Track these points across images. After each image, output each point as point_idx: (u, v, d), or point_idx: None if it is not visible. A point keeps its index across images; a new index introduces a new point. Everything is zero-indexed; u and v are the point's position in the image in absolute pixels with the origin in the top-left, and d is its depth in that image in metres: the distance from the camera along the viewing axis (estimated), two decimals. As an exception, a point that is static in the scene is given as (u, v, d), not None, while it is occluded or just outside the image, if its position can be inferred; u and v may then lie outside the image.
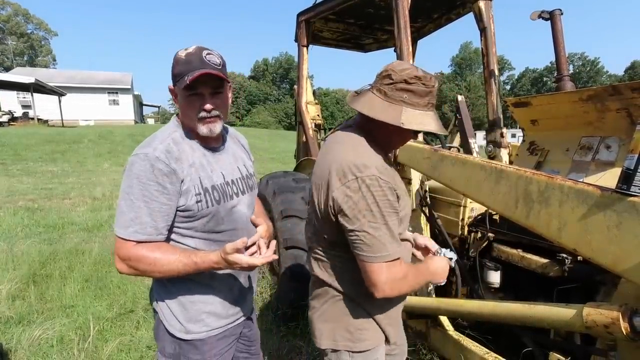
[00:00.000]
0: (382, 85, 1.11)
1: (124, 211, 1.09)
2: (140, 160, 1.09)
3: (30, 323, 2.73)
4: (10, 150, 12.11)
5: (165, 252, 1.11)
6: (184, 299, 1.23)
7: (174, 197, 1.12)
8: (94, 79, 32.38)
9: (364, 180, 1.04)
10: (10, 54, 49.27)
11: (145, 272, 1.12)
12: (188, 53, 1.13)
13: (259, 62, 59.03)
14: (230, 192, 1.25)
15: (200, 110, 1.15)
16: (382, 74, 1.13)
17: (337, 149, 1.15)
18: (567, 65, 2.36)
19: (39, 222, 5.46)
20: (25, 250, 4.10)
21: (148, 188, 1.08)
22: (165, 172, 1.09)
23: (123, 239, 1.10)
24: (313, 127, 3.71)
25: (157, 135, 1.18)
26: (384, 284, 1.06)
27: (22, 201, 6.73)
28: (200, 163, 1.19)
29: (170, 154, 1.12)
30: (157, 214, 1.10)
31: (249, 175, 1.38)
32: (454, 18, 3.36)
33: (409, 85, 1.08)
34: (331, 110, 52.17)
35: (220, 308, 1.28)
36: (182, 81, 1.09)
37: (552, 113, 2.23)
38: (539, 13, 2.33)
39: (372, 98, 1.13)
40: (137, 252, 1.10)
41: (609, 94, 1.86)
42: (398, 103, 1.09)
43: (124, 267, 1.13)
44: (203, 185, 1.17)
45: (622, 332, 1.15)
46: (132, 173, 1.09)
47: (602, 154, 1.97)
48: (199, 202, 1.16)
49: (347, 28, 3.71)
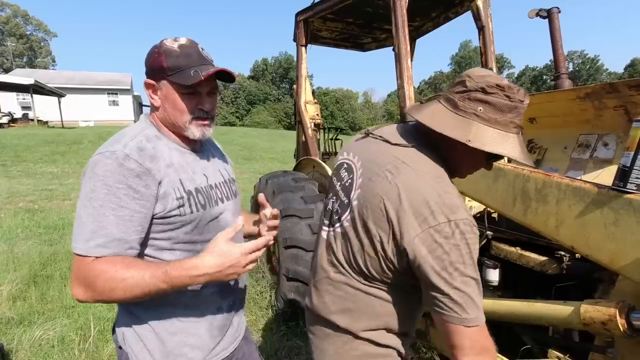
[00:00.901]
0: (453, 94, 0.91)
1: (84, 221, 0.88)
2: (106, 159, 0.90)
3: (31, 324, 2.74)
4: (10, 151, 12.11)
5: (134, 266, 0.89)
6: (160, 329, 1.00)
7: (148, 203, 0.92)
8: (94, 80, 32.38)
9: (458, 225, 0.82)
10: (10, 56, 49.27)
11: (105, 293, 0.87)
12: (182, 45, 0.99)
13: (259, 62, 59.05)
14: (215, 197, 1.09)
15: (196, 110, 1.02)
16: (456, 80, 0.93)
17: (408, 174, 0.89)
18: (565, 63, 2.37)
19: (40, 223, 5.46)
20: (25, 251, 4.11)
21: (116, 192, 0.88)
22: (137, 172, 0.91)
23: (81, 256, 0.88)
24: (312, 126, 3.72)
25: (126, 132, 1.00)
26: (470, 349, 0.85)
27: (22, 202, 6.73)
28: (179, 163, 1.02)
29: (143, 152, 0.94)
30: (128, 224, 0.90)
31: (231, 180, 1.23)
32: (452, 17, 3.36)
33: (487, 95, 0.86)
34: (331, 110, 52.16)
35: (207, 337, 1.06)
36: (185, 76, 0.96)
37: (550, 111, 2.23)
38: (537, 11, 2.34)
39: (437, 108, 0.93)
40: (95, 267, 0.87)
41: (607, 92, 1.87)
42: (469, 116, 0.87)
43: (79, 291, 0.89)
44: (185, 188, 1.00)
45: (619, 328, 1.15)
46: (96, 174, 0.89)
47: (600, 151, 1.98)
48: (181, 206, 0.97)
49: (346, 27, 3.72)
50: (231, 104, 53.84)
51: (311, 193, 3.03)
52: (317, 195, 3.03)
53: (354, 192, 0.97)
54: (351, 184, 1.00)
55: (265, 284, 3.46)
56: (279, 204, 2.93)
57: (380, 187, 0.90)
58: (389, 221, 0.86)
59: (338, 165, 1.11)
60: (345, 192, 1.01)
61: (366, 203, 0.92)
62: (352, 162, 1.04)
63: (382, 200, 0.88)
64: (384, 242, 0.88)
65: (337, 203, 1.05)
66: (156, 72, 0.99)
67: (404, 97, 2.32)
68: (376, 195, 0.90)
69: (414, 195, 0.85)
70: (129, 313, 1.02)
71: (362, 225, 0.92)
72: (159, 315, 1.00)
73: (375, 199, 0.89)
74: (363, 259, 0.94)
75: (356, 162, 1.02)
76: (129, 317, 1.02)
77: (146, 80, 1.03)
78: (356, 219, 0.94)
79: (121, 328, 1.04)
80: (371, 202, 0.90)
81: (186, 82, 0.96)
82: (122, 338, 1.03)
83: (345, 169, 1.06)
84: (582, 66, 52.73)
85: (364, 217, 0.92)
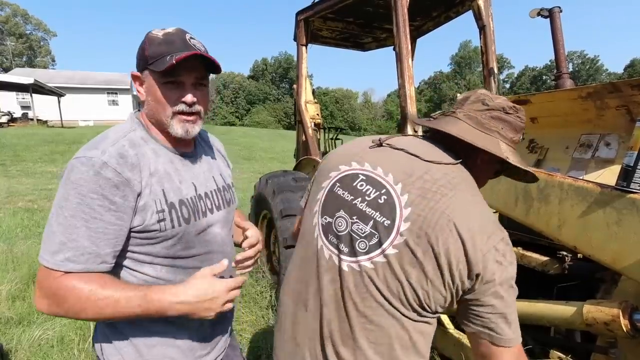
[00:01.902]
0: (473, 111, 0.92)
1: (54, 231, 0.82)
2: (82, 165, 0.83)
3: (31, 323, 2.73)
4: (9, 151, 12.09)
5: (105, 283, 0.83)
6: (138, 340, 0.95)
7: (125, 216, 0.86)
8: (93, 80, 32.42)
9: (508, 243, 0.82)
10: (9, 55, 49.25)
11: (70, 312, 0.82)
12: (167, 33, 0.91)
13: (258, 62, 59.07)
14: (204, 208, 1.00)
15: (178, 103, 0.92)
16: (471, 99, 0.94)
17: (465, 191, 0.85)
18: (567, 63, 2.37)
19: (39, 223, 5.45)
20: (25, 251, 4.09)
21: (89, 203, 0.82)
22: (115, 182, 0.84)
23: (49, 269, 0.82)
24: (312, 126, 3.71)
25: (109, 134, 0.92)
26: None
27: (21, 202, 6.72)
28: (165, 171, 0.94)
29: (124, 160, 0.87)
30: (101, 237, 0.83)
31: (226, 186, 1.13)
32: (453, 16, 3.36)
33: (507, 115, 0.91)
34: (331, 110, 52.19)
35: (187, 350, 1.00)
36: (161, 62, 0.87)
37: (552, 111, 2.23)
38: (538, 11, 2.33)
39: (461, 125, 0.91)
40: (65, 283, 0.81)
41: (609, 92, 1.86)
42: (493, 134, 0.90)
43: (42, 303, 0.84)
44: (167, 200, 0.92)
45: (622, 329, 1.15)
46: (69, 182, 0.83)
47: (601, 151, 1.97)
48: (161, 221, 0.90)
49: (346, 27, 3.71)
50: (231, 104, 53.84)
51: (311, 193, 3.02)
52: (318, 195, 3.02)
53: (400, 211, 0.83)
54: (388, 201, 0.84)
55: (266, 283, 3.45)
56: (279, 204, 2.93)
57: (443, 204, 0.80)
58: (461, 239, 0.77)
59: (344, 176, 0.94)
60: (380, 210, 0.85)
61: (428, 222, 0.79)
62: (375, 174, 0.90)
63: (450, 218, 0.79)
64: (453, 265, 0.78)
65: (359, 225, 0.86)
66: (140, 62, 0.93)
67: (405, 97, 2.31)
68: (442, 213, 0.79)
69: (476, 213, 0.82)
70: (107, 325, 0.97)
71: (425, 250, 0.79)
72: (137, 327, 0.95)
73: (441, 218, 0.79)
74: (424, 289, 0.80)
75: (385, 176, 0.88)
76: (108, 329, 0.97)
77: (132, 73, 0.97)
78: (412, 243, 0.80)
79: (99, 340, 0.99)
80: (436, 221, 0.79)
81: (160, 68, 0.87)
82: (100, 351, 0.98)
83: (364, 182, 0.90)
84: (581, 66, 52.79)
85: (429, 239, 0.79)
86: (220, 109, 52.90)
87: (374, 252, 0.83)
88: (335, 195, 0.93)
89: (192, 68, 0.91)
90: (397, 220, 0.82)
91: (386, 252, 0.82)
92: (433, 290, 0.80)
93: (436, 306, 0.82)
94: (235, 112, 53.44)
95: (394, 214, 0.83)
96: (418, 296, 0.80)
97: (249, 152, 16.10)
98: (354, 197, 0.89)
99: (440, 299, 0.81)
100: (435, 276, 0.79)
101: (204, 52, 0.93)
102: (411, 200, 0.83)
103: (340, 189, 0.93)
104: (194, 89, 0.94)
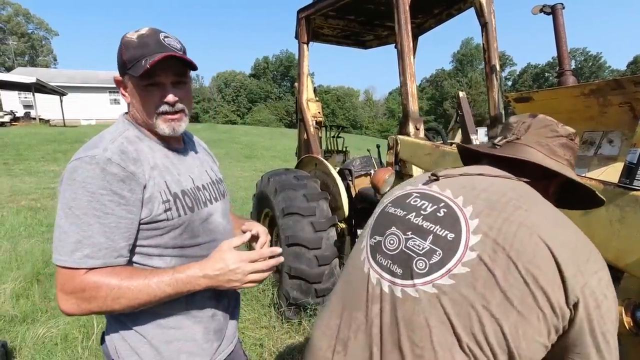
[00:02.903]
0: (544, 139, 0.87)
1: (66, 232, 0.83)
2: (86, 164, 0.85)
3: (35, 321, 2.75)
4: (12, 150, 12.14)
5: (131, 274, 0.86)
6: (155, 338, 0.95)
7: (135, 209, 0.88)
8: (95, 78, 32.42)
9: (610, 279, 0.71)
10: (12, 54, 49.37)
11: (103, 306, 0.83)
12: (141, 35, 0.92)
13: (260, 60, 59.00)
14: (204, 199, 1.03)
15: (161, 104, 0.94)
16: (536, 125, 0.90)
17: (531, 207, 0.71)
18: (569, 60, 2.35)
19: (42, 222, 5.48)
20: (28, 249, 4.11)
21: (100, 199, 0.83)
22: (121, 177, 0.86)
23: (69, 269, 0.82)
24: (314, 124, 3.71)
25: (105, 135, 0.95)
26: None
27: (24, 201, 6.75)
28: (163, 165, 0.97)
29: (125, 155, 0.89)
30: (114, 231, 0.85)
31: (218, 180, 1.17)
32: (454, 13, 3.35)
33: (571, 142, 0.89)
34: (332, 108, 52.14)
35: (203, 343, 1.01)
36: (137, 67, 0.89)
37: (554, 108, 2.22)
38: (541, 7, 2.32)
39: (531, 151, 0.87)
40: (94, 278, 0.82)
41: (612, 88, 1.85)
42: (564, 161, 0.88)
43: (71, 304, 0.83)
44: (171, 190, 0.95)
45: (625, 326, 1.15)
46: (76, 181, 0.83)
47: (604, 148, 1.97)
48: (168, 210, 0.92)
49: (348, 25, 3.71)
50: (232, 102, 53.85)
51: (313, 191, 3.02)
52: (319, 193, 3.02)
53: (466, 222, 0.70)
54: (449, 213, 0.73)
55: (267, 281, 3.46)
56: (281, 202, 2.93)
57: (519, 216, 0.68)
58: (553, 255, 0.63)
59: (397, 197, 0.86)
60: (440, 224, 0.72)
61: (504, 235, 0.65)
62: (430, 191, 0.81)
63: (532, 231, 0.65)
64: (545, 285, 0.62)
65: (415, 240, 0.73)
66: (120, 67, 0.95)
67: (407, 95, 2.31)
68: (520, 224, 0.66)
69: (566, 229, 0.71)
70: (120, 323, 0.95)
71: (505, 267, 0.63)
72: (152, 324, 0.95)
73: (520, 230, 0.66)
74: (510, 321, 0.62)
75: (442, 191, 0.78)
76: (121, 328, 0.95)
77: (115, 77, 1.00)
78: (488, 259, 0.65)
79: (112, 340, 0.97)
80: (514, 233, 0.66)
81: (136, 73, 0.89)
82: (114, 351, 0.96)
83: (418, 198, 0.80)
84: (584, 63, 52.50)
85: (509, 254, 0.64)
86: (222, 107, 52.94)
87: (436, 273, 0.67)
88: (386, 214, 0.83)
89: (169, 68, 0.93)
90: (463, 233, 0.68)
91: (453, 271, 0.66)
92: (522, 322, 0.62)
93: (529, 347, 0.63)
94: (237, 110, 53.45)
95: (459, 226, 0.69)
96: (503, 332, 0.62)
97: (251, 151, 16.11)
98: (407, 212, 0.78)
99: (532, 334, 0.63)
100: (522, 303, 0.62)
101: (179, 52, 0.94)
102: (478, 211, 0.70)
103: (392, 207, 0.83)
104: (174, 89, 0.96)
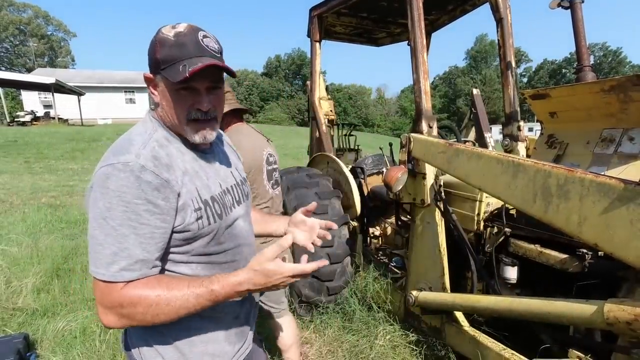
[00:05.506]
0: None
1: (101, 243, 0.80)
2: (119, 171, 0.80)
3: (55, 315, 2.83)
4: (33, 148, 12.50)
5: (169, 285, 0.84)
6: (180, 340, 0.94)
7: (169, 217, 0.85)
8: (111, 78, 33.12)
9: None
10: (32, 56, 50.79)
11: (143, 321, 0.83)
12: (178, 33, 0.86)
13: (272, 59, 59.24)
14: (229, 203, 1.01)
15: (193, 110, 0.90)
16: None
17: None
18: (588, 56, 2.29)
19: (62, 218, 5.62)
20: (48, 245, 4.23)
21: (135, 209, 0.80)
22: (155, 185, 0.82)
23: (107, 282, 0.80)
24: (326, 122, 3.71)
25: (134, 138, 0.89)
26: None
27: (45, 198, 6.95)
28: (193, 169, 0.93)
29: (158, 161, 0.85)
30: (150, 242, 0.82)
31: (243, 180, 1.14)
32: (469, 9, 3.29)
33: None
34: (344, 106, 52.00)
35: (227, 345, 1.01)
36: (174, 71, 0.84)
37: (572, 105, 2.17)
38: (559, 1, 2.27)
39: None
40: (131, 294, 0.81)
41: (633, 84, 1.80)
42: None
43: (113, 319, 0.82)
44: (202, 197, 0.92)
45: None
46: (110, 190, 0.79)
47: (624, 146, 1.91)
48: (199, 219, 0.90)
49: (360, 22, 3.68)
50: (244, 101, 54.20)
51: (325, 189, 3.02)
52: (332, 191, 3.02)
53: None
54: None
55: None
56: (293, 200, 2.94)
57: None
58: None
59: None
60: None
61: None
62: None
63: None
64: None
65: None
66: (153, 65, 0.89)
67: (420, 92, 2.29)
68: None
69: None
70: (144, 327, 0.92)
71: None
72: (177, 328, 0.93)
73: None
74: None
75: None
76: (145, 332, 0.95)
77: (144, 74, 0.93)
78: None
79: (136, 344, 0.96)
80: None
81: (174, 78, 0.84)
82: (138, 355, 0.95)
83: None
84: (603, 59, 50.97)
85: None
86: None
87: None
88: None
89: (206, 74, 0.87)
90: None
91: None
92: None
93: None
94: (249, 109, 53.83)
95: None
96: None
97: (263, 149, 16.13)
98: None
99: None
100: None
101: (219, 59, 0.90)
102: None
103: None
104: (208, 95, 0.91)
